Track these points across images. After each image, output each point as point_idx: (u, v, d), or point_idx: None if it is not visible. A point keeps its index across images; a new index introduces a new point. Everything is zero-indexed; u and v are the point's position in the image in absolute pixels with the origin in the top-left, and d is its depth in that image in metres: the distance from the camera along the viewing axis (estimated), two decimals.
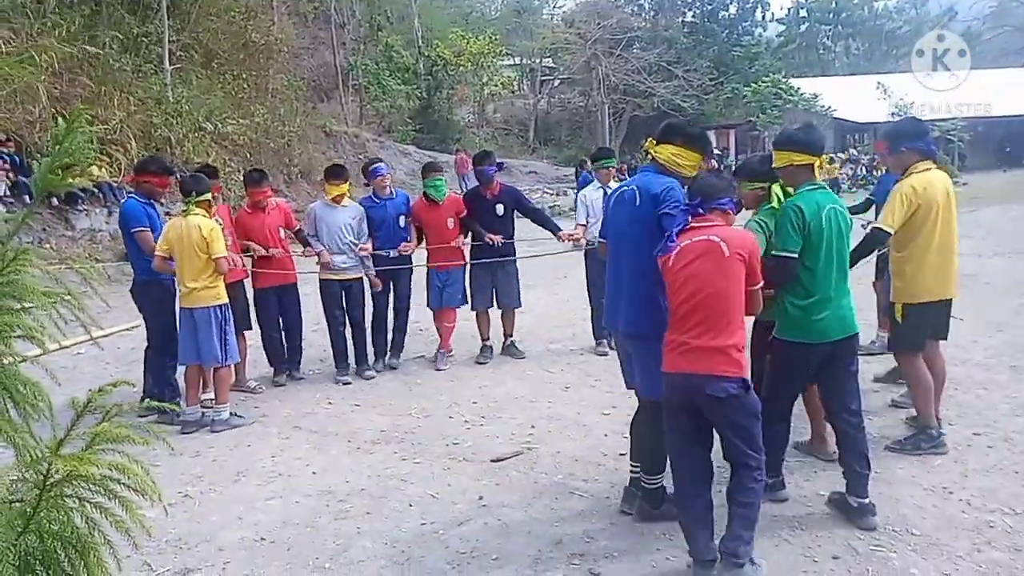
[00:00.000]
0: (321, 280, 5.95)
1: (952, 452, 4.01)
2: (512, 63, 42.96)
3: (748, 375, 2.89)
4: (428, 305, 6.34)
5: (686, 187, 3.24)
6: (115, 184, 12.71)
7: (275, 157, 18.17)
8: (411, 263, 6.25)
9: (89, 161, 12.06)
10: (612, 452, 4.26)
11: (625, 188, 3.37)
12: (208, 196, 5.01)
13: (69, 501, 1.35)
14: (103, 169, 12.62)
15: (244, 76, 18.62)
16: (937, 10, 47.20)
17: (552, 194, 24.58)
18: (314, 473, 4.19)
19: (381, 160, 6.43)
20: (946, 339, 4.29)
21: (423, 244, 6.30)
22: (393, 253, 6.00)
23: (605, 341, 6.23)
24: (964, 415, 4.55)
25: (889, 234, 3.92)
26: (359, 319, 6.04)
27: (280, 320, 5.94)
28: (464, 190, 26.09)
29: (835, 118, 29.69)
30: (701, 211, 2.96)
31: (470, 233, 6.28)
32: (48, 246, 10.49)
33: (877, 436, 4.18)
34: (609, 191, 6.21)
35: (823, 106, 29.65)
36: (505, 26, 42.76)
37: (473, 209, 6.24)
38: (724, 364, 2.80)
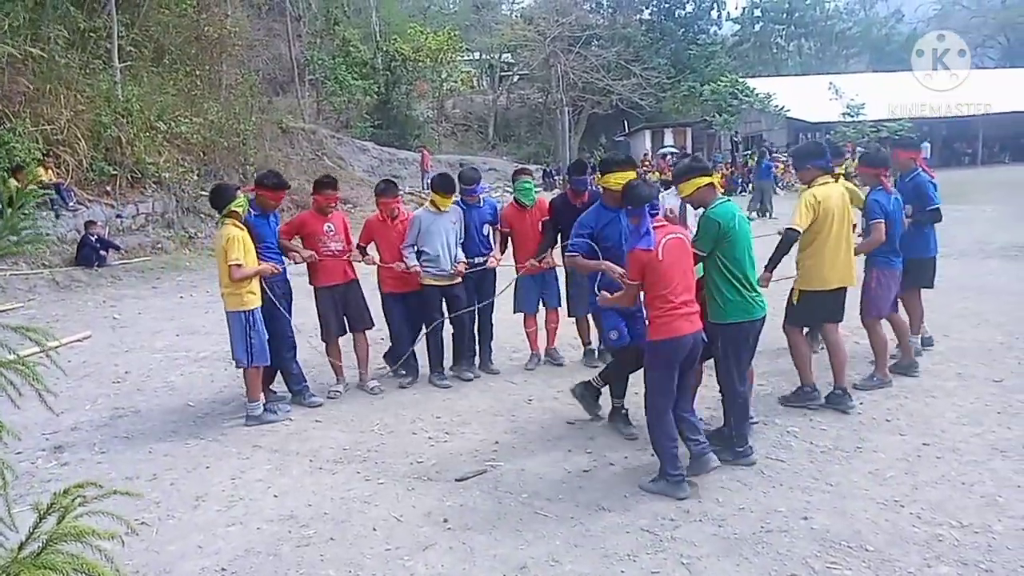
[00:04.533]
0: (423, 285, 5.97)
1: (903, 463, 4.15)
2: (471, 59, 42.80)
3: None
4: (517, 310, 6.41)
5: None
6: (63, 185, 12.30)
7: (230, 155, 17.78)
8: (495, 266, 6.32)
9: (36, 162, 11.60)
10: (576, 468, 4.30)
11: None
12: (237, 207, 5.13)
13: None
14: (50, 171, 12.20)
15: (197, 72, 18.14)
16: (885, 11, 48.41)
17: (512, 192, 24.49)
18: (275, 496, 4.14)
19: (479, 181, 6.53)
20: (841, 321, 5.08)
21: (508, 252, 6.37)
22: (479, 261, 6.09)
23: None
24: (914, 424, 4.70)
25: (799, 232, 4.77)
26: (463, 321, 6.10)
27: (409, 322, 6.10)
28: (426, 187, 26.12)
29: (788, 118, 30.29)
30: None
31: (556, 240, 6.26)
32: None
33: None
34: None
35: (777, 106, 30.20)
36: (464, 21, 42.60)
37: (563, 216, 6.12)
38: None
